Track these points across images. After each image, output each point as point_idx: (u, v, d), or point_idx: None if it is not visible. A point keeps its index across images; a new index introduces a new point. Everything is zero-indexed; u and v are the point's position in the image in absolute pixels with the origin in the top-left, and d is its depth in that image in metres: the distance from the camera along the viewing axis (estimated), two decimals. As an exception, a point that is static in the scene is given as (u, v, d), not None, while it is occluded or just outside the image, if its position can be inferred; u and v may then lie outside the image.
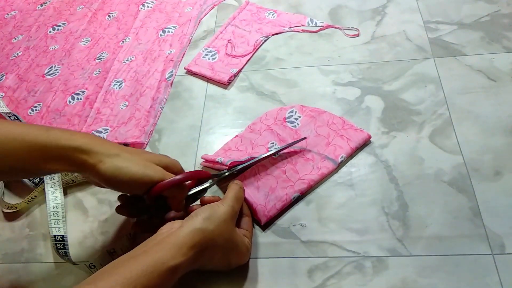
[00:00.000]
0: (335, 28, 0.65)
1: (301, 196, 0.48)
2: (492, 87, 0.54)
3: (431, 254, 0.42)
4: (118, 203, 0.44)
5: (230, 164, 0.48)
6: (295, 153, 0.51)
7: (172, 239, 0.36)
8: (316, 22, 0.67)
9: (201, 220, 0.38)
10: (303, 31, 0.66)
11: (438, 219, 0.44)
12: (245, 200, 0.47)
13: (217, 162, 0.50)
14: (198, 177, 0.46)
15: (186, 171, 0.44)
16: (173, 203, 0.42)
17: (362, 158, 0.50)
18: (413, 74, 0.57)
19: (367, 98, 0.56)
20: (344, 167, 0.50)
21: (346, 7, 0.68)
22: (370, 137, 0.51)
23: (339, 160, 0.49)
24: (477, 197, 0.45)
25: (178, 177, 0.41)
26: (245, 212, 0.45)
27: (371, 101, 0.55)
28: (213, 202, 0.42)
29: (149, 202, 0.41)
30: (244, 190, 0.45)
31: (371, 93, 0.56)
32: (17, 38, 0.76)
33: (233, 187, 0.44)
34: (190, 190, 0.45)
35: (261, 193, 0.48)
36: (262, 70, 0.62)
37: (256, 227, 0.47)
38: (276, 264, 0.44)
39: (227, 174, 0.48)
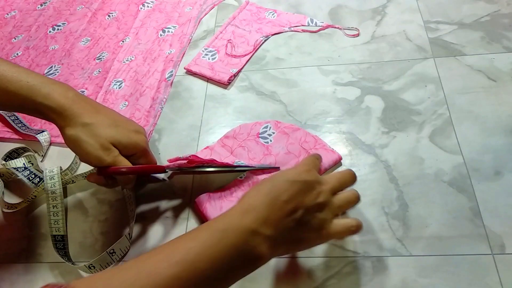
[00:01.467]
0: (335, 28, 0.65)
1: None
2: (492, 87, 0.54)
3: (431, 254, 0.42)
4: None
5: (191, 157, 0.47)
6: (262, 173, 0.50)
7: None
8: (316, 22, 0.67)
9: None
10: (303, 31, 0.66)
11: (438, 219, 0.44)
12: (206, 220, 0.47)
13: (179, 158, 0.48)
14: (148, 172, 0.46)
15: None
16: (122, 183, 0.46)
17: (362, 158, 0.50)
18: (413, 74, 0.57)
19: (367, 98, 0.56)
20: (344, 167, 0.50)
21: (346, 7, 0.68)
22: (340, 158, 0.50)
23: None
24: (477, 197, 0.45)
25: (124, 169, 0.43)
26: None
27: (371, 101, 0.55)
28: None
29: (100, 176, 0.44)
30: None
31: (371, 93, 0.56)
32: (17, 38, 0.76)
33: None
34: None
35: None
36: (262, 70, 0.62)
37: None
38: (276, 264, 0.44)
39: (181, 171, 0.48)
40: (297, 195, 0.35)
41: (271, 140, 0.53)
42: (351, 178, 0.40)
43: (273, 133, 0.53)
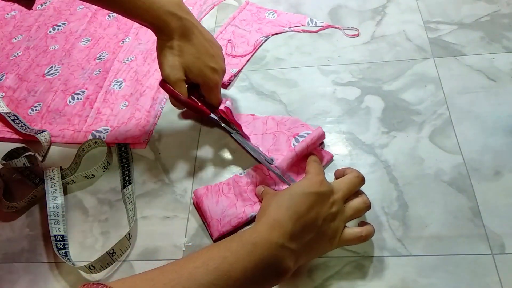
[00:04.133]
0: (335, 28, 0.65)
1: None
2: (492, 87, 0.54)
3: (431, 254, 0.42)
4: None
5: (225, 109, 0.50)
6: (261, 170, 0.50)
7: None
8: (316, 22, 0.67)
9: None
10: (303, 31, 0.66)
11: (438, 219, 0.44)
12: (202, 213, 0.48)
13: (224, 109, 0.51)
14: (193, 109, 0.52)
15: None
16: (173, 103, 0.51)
17: (362, 158, 0.50)
18: (413, 74, 0.57)
19: (367, 98, 0.56)
20: (344, 166, 0.50)
21: (346, 7, 0.68)
22: (331, 156, 0.51)
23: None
24: (477, 197, 0.45)
25: (175, 94, 0.49)
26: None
27: (371, 101, 0.55)
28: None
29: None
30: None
31: (371, 93, 0.56)
32: (17, 38, 0.76)
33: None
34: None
35: (219, 207, 0.47)
36: (262, 70, 0.62)
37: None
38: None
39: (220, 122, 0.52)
40: (314, 206, 0.38)
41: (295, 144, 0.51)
42: (360, 181, 0.42)
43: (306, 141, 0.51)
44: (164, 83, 0.49)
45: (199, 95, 0.52)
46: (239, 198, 0.48)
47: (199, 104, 0.52)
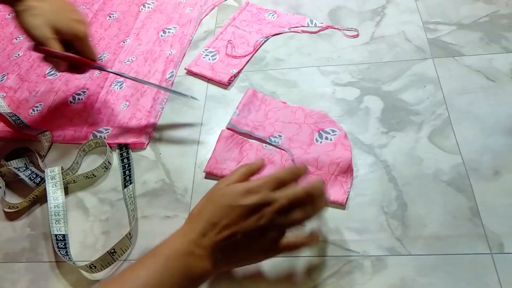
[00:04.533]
0: (335, 28, 0.65)
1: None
2: (491, 87, 0.54)
3: (430, 254, 0.42)
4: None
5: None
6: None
7: None
8: (315, 23, 0.67)
9: None
10: (303, 31, 0.66)
11: (437, 219, 0.44)
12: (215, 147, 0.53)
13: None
14: (77, 63, 0.51)
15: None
16: (54, 66, 0.51)
17: (362, 158, 0.51)
18: (412, 75, 0.57)
19: (367, 99, 0.56)
20: (343, 167, 0.50)
21: (346, 8, 0.68)
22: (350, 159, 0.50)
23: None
24: (476, 197, 0.45)
25: (55, 51, 0.48)
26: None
27: (370, 101, 0.56)
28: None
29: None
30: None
31: (370, 93, 0.56)
32: (18, 38, 0.76)
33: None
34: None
35: (226, 154, 0.52)
36: (262, 70, 0.62)
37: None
38: (275, 263, 0.44)
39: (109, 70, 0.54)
40: (236, 220, 0.36)
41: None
42: (304, 196, 0.37)
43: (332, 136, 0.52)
44: (37, 46, 0.49)
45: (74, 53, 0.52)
46: (246, 161, 0.50)
47: (78, 56, 0.52)
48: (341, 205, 0.47)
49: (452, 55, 0.58)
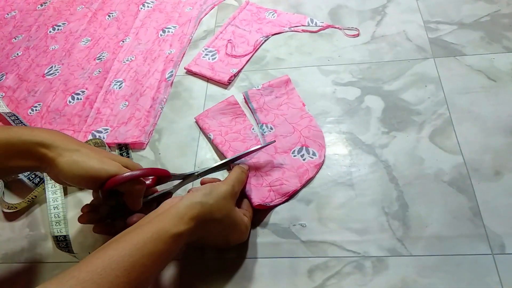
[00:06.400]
0: (335, 28, 0.65)
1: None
2: (492, 87, 0.54)
3: (431, 254, 0.42)
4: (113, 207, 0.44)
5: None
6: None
7: (173, 210, 0.38)
8: (316, 22, 0.67)
9: (201, 194, 0.40)
10: (303, 31, 0.66)
11: (438, 219, 0.44)
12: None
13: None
14: (155, 175, 0.45)
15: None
16: (129, 199, 0.43)
17: (362, 158, 0.50)
18: (413, 74, 0.57)
19: (367, 98, 0.56)
20: (344, 167, 0.50)
21: (346, 7, 0.68)
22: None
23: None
24: (477, 197, 0.45)
25: (134, 172, 0.41)
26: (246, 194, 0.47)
27: (371, 101, 0.55)
28: (213, 182, 0.44)
29: (104, 198, 0.42)
30: (247, 174, 0.48)
31: (371, 93, 0.56)
32: (17, 38, 0.76)
33: (236, 169, 0.47)
34: (151, 194, 0.46)
35: (219, 119, 0.55)
36: (262, 70, 0.62)
37: (257, 227, 0.47)
38: (276, 264, 0.44)
39: (188, 174, 0.48)
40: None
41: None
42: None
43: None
44: (103, 186, 0.40)
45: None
46: (227, 130, 0.54)
47: (160, 169, 0.47)
48: (264, 209, 0.47)
49: (453, 54, 0.58)
